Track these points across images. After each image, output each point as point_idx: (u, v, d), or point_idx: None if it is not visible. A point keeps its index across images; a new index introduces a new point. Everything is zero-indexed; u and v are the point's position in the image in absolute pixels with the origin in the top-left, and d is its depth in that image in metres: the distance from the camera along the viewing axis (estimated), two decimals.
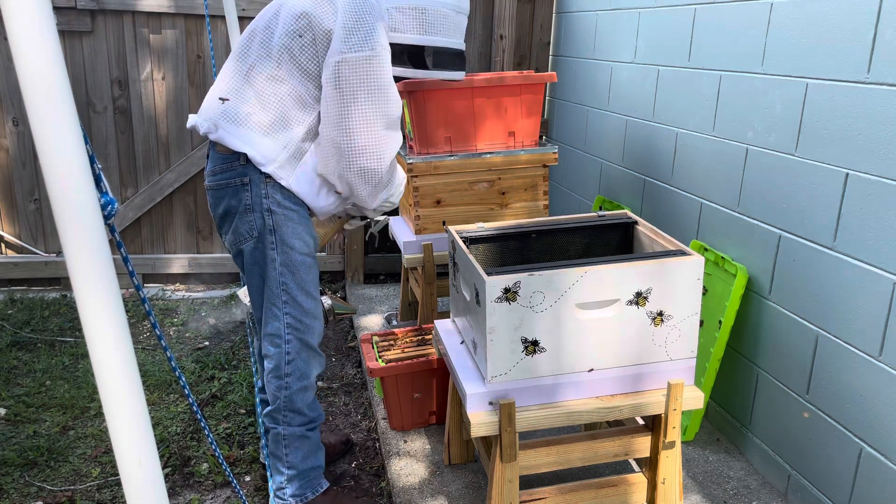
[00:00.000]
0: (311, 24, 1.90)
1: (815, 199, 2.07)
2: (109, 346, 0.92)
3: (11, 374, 3.18)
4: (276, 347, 2.04)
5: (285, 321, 2.02)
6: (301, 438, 2.10)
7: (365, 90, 1.88)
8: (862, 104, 1.89)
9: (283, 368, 2.05)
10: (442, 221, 2.89)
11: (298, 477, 2.12)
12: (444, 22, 2.09)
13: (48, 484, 2.46)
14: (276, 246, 1.97)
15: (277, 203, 1.96)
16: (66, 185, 0.86)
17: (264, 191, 1.95)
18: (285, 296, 2.00)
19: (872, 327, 1.88)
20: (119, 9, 3.76)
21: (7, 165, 3.92)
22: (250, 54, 1.96)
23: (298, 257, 2.00)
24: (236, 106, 1.94)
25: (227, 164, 1.96)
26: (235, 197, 1.96)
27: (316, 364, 2.10)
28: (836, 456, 2.02)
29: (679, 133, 2.76)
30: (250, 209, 1.95)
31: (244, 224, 1.97)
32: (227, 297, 4.07)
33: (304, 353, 2.06)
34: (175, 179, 4.03)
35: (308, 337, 2.06)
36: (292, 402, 2.07)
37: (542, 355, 1.82)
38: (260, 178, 1.94)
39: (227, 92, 1.96)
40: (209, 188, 2.03)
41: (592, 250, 2.25)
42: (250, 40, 1.99)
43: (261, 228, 1.96)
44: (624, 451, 1.98)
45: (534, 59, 4.09)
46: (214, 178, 2.00)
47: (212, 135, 1.96)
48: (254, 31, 2.00)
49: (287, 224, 1.97)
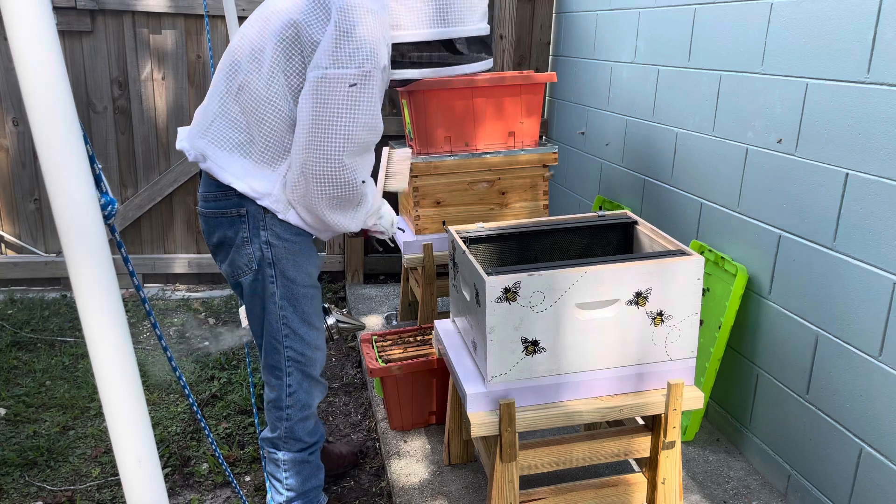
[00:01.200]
0: (299, 35, 1.68)
1: (815, 200, 2.07)
2: (109, 346, 0.92)
3: (11, 374, 3.18)
4: (277, 380, 1.96)
5: (286, 354, 1.93)
6: (301, 463, 2.06)
7: (344, 115, 1.64)
8: (862, 104, 1.89)
9: (285, 401, 1.98)
10: (442, 221, 2.89)
11: (297, 498, 2.08)
12: (461, 6, 1.80)
13: (48, 484, 2.46)
14: (275, 279, 1.85)
15: (277, 236, 1.82)
16: (66, 185, 0.86)
17: (262, 223, 1.81)
18: (286, 329, 1.90)
19: (872, 327, 1.88)
20: (119, 9, 3.76)
21: (7, 165, 3.92)
22: (240, 71, 1.77)
23: (300, 290, 1.88)
24: (225, 132, 1.78)
25: (221, 192, 1.81)
26: (231, 228, 1.83)
27: (317, 393, 2.03)
28: (836, 456, 2.02)
29: (679, 133, 2.76)
30: (248, 241, 1.82)
31: (242, 257, 1.84)
32: (227, 297, 4.07)
33: (306, 384, 1.99)
34: (175, 179, 4.03)
35: (310, 369, 1.98)
36: (293, 432, 2.01)
37: (542, 355, 1.82)
38: (257, 209, 1.80)
39: (216, 114, 1.80)
40: (202, 214, 1.88)
41: (592, 250, 2.25)
42: (237, 55, 1.79)
43: (259, 261, 1.83)
44: (624, 451, 1.98)
45: (534, 59, 4.09)
46: (208, 205, 1.85)
47: (201, 164, 1.82)
48: (240, 44, 1.79)
49: (288, 257, 1.85)
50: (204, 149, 1.80)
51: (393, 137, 3.25)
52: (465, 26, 1.81)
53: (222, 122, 1.79)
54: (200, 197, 1.89)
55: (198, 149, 1.82)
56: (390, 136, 3.76)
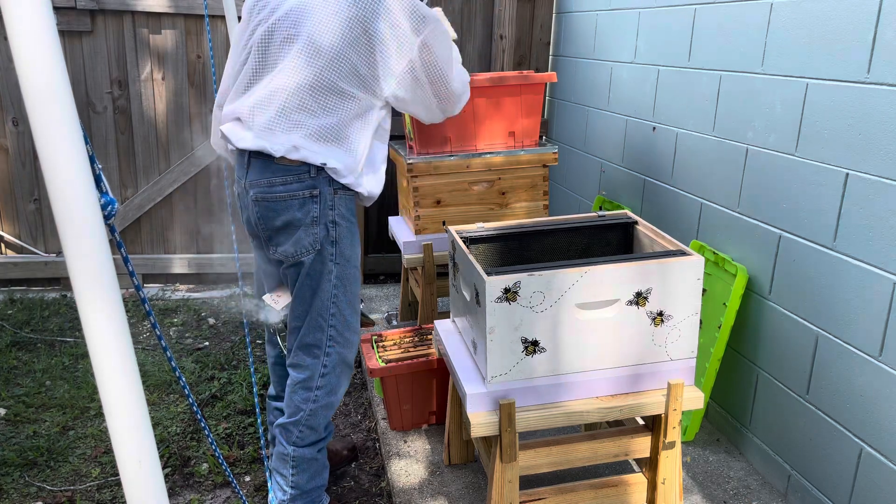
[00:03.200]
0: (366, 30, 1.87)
1: (815, 199, 2.07)
2: (109, 346, 0.92)
3: (11, 374, 3.18)
4: (314, 358, 2.00)
5: (329, 333, 1.99)
6: (310, 461, 2.07)
7: (443, 54, 1.98)
8: (862, 104, 1.89)
9: (316, 381, 2.01)
10: (442, 221, 2.89)
11: (301, 497, 2.08)
12: None
13: (48, 484, 2.46)
14: (335, 257, 1.95)
15: (342, 215, 1.95)
16: (66, 185, 0.86)
17: (331, 202, 1.92)
18: (334, 308, 1.97)
19: (872, 327, 1.88)
20: (119, 9, 3.76)
21: (7, 165, 3.92)
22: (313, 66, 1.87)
23: (352, 270, 2.00)
24: (304, 123, 1.87)
25: (291, 175, 1.89)
26: (302, 209, 1.90)
27: (345, 381, 2.08)
28: (836, 456, 2.02)
29: (679, 133, 2.76)
30: (317, 221, 1.92)
31: (309, 236, 1.92)
32: (227, 297, 4.07)
33: (340, 367, 2.03)
34: (175, 179, 4.03)
35: (347, 351, 2.04)
36: (315, 416, 2.03)
37: (542, 355, 1.82)
38: (329, 189, 1.91)
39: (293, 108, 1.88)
40: (265, 199, 1.92)
41: (592, 250, 2.25)
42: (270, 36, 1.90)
43: (324, 240, 1.93)
44: (624, 452, 1.98)
45: (534, 59, 4.09)
46: (273, 189, 1.90)
47: (291, 155, 1.87)
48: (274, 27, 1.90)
49: (347, 236, 1.97)
50: (295, 140, 1.88)
51: (393, 138, 3.25)
52: None
53: (303, 115, 1.89)
54: (262, 183, 1.92)
55: (286, 143, 1.88)
56: (391, 136, 3.74)
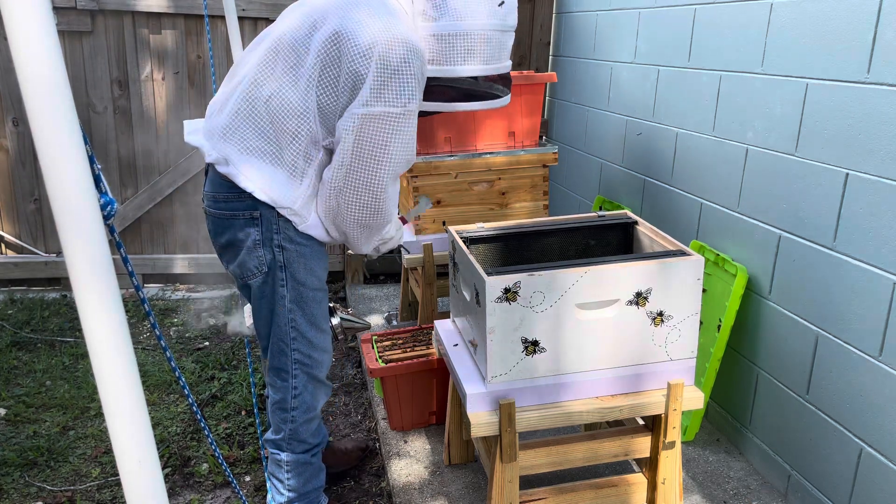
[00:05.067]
0: (340, 52, 1.70)
1: (815, 199, 2.07)
2: (109, 346, 0.91)
3: (11, 374, 3.18)
4: (283, 382, 1.97)
5: (293, 357, 1.94)
6: (304, 465, 2.06)
7: (386, 150, 1.73)
8: (862, 104, 1.89)
9: (290, 402, 1.98)
10: (442, 221, 2.89)
11: (298, 499, 2.08)
12: (488, 46, 1.82)
13: (48, 484, 2.46)
14: (286, 282, 1.86)
15: (289, 239, 1.83)
16: (66, 185, 0.86)
17: (276, 226, 1.81)
18: (294, 332, 1.91)
19: (872, 327, 1.88)
20: (119, 9, 3.76)
21: (7, 165, 3.92)
22: (273, 76, 1.75)
23: (310, 293, 1.90)
24: (254, 140, 1.76)
25: (234, 194, 1.80)
26: (243, 231, 1.82)
27: (322, 395, 2.04)
28: (836, 456, 2.02)
29: (679, 133, 2.76)
30: (259, 244, 1.82)
31: (252, 260, 1.84)
32: (227, 297, 4.07)
33: (311, 386, 1.99)
34: (175, 180, 4.03)
35: (316, 371, 1.99)
36: (297, 433, 2.02)
37: (542, 355, 1.82)
38: (271, 213, 1.79)
39: (242, 117, 1.77)
40: (211, 214, 1.86)
41: (592, 250, 2.25)
42: (275, 54, 1.77)
43: (270, 264, 1.84)
44: (624, 452, 1.98)
45: (534, 59, 4.09)
46: (217, 205, 1.83)
47: (220, 167, 1.78)
48: (280, 42, 1.77)
49: (299, 260, 1.86)
50: (228, 153, 1.78)
51: None
52: (494, 65, 1.86)
53: (250, 129, 1.77)
54: (209, 196, 1.86)
55: (221, 151, 1.79)
56: None
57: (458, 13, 1.76)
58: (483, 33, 1.79)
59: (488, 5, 1.79)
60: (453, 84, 1.88)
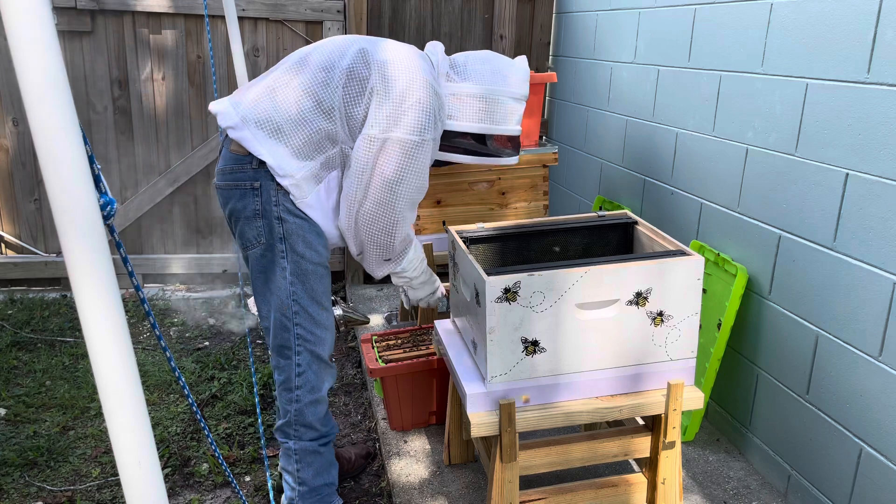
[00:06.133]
0: (369, 66, 1.89)
1: (815, 199, 2.07)
2: (109, 346, 0.91)
3: (11, 374, 3.18)
4: (286, 359, 1.98)
5: (295, 332, 1.96)
6: (313, 454, 2.06)
7: (402, 175, 1.88)
8: (862, 104, 1.89)
9: (294, 381, 1.99)
10: (442, 221, 2.89)
11: (309, 494, 2.07)
12: (502, 110, 2.08)
13: (48, 484, 2.46)
14: (286, 254, 1.91)
15: (288, 211, 1.89)
16: (65, 185, 0.86)
17: (275, 198, 1.88)
18: (295, 306, 1.93)
19: (872, 327, 1.88)
20: (119, 9, 3.76)
21: (7, 165, 3.92)
22: (306, 69, 1.91)
23: (310, 266, 1.94)
24: (273, 118, 1.88)
25: (238, 164, 1.90)
26: (242, 201, 1.89)
27: (327, 376, 2.04)
28: (836, 456, 2.02)
29: (679, 133, 2.76)
30: (259, 215, 1.89)
31: (251, 230, 1.90)
32: (227, 297, 4.07)
33: (315, 365, 2.00)
34: (174, 180, 4.03)
35: (319, 349, 2.00)
36: (303, 415, 2.02)
37: (542, 355, 1.82)
38: (271, 184, 1.87)
39: (265, 97, 1.90)
40: (217, 187, 1.97)
41: (592, 250, 2.25)
42: (307, 55, 1.95)
43: (268, 236, 1.90)
44: (624, 452, 1.98)
45: (534, 59, 4.09)
46: (223, 177, 1.93)
47: (233, 131, 1.89)
48: (310, 55, 1.96)
49: (298, 232, 1.91)
50: (249, 118, 1.89)
51: None
52: (506, 126, 2.11)
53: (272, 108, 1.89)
54: (218, 171, 1.96)
55: (241, 116, 1.89)
56: None
57: (476, 80, 2.05)
58: (496, 99, 2.06)
59: (503, 77, 2.07)
60: (465, 140, 2.10)
